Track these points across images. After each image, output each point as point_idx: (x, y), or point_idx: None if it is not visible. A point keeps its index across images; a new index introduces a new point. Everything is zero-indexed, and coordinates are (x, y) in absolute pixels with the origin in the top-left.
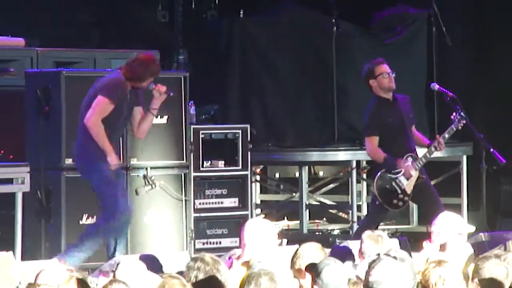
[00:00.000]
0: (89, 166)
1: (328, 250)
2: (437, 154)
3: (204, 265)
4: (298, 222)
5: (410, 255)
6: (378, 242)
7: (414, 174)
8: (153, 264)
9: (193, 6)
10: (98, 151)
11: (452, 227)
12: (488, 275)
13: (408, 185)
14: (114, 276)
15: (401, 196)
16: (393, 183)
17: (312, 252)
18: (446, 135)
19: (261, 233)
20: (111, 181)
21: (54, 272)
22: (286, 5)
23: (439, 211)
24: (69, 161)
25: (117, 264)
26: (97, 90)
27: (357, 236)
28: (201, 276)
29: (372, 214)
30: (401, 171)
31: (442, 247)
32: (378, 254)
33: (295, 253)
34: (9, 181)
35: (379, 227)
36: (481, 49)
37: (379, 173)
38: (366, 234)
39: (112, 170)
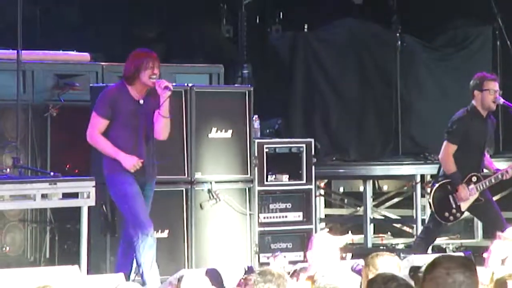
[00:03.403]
0: (106, 180)
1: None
2: (501, 167)
3: (273, 278)
4: (362, 236)
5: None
6: None
7: (474, 194)
8: (217, 278)
9: (257, 21)
10: (109, 163)
11: None
12: None
13: (464, 203)
14: (179, 286)
15: (454, 211)
16: (450, 196)
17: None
18: None
19: (323, 247)
20: (127, 193)
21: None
22: (350, 20)
23: (502, 225)
24: None
25: (181, 278)
26: None
27: (417, 249)
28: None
29: (431, 227)
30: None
31: (503, 262)
32: None
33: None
34: (75, 195)
35: (444, 241)
36: None
37: (438, 184)
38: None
39: (133, 172)
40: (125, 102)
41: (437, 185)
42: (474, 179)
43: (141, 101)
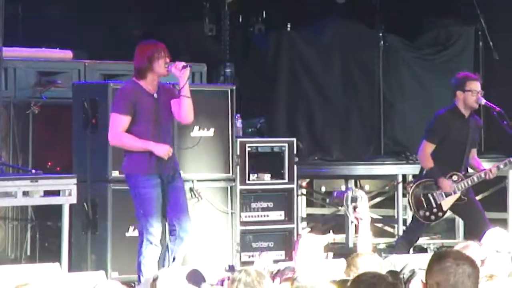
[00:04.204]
0: (127, 179)
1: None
2: (486, 167)
3: (247, 276)
4: (343, 235)
5: None
6: None
7: (455, 193)
8: (198, 277)
9: (240, 20)
10: (131, 163)
11: (494, 244)
12: None
13: (445, 202)
14: (155, 286)
15: (435, 210)
16: (429, 195)
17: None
18: (502, 166)
19: (308, 248)
20: (145, 197)
21: (108, 285)
22: (333, 19)
23: (484, 226)
24: (115, 173)
25: (156, 277)
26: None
27: (399, 249)
28: (241, 287)
29: (412, 227)
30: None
31: (482, 262)
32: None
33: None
34: (56, 193)
35: (426, 241)
36: None
37: (418, 182)
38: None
39: (159, 167)
40: (143, 97)
41: (416, 184)
42: (454, 178)
43: (155, 95)
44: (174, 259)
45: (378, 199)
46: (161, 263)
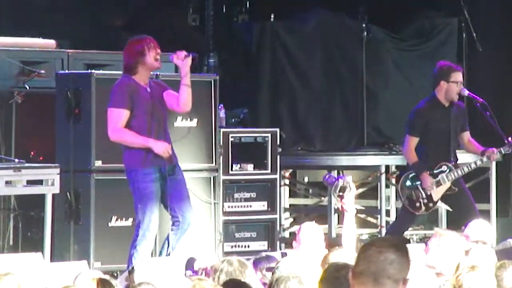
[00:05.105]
0: (127, 174)
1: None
2: (466, 159)
3: (229, 267)
4: (326, 226)
5: None
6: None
7: (445, 183)
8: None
9: (224, 10)
10: (131, 158)
11: (478, 235)
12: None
13: (436, 192)
14: (132, 278)
15: (425, 201)
16: (419, 186)
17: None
18: (503, 151)
19: (309, 237)
20: (145, 193)
21: (90, 275)
22: (316, 10)
23: (474, 217)
24: (98, 163)
25: (132, 269)
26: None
27: None
28: (223, 277)
29: (401, 218)
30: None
31: (466, 253)
32: None
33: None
34: (39, 182)
35: (408, 232)
36: None
37: (406, 174)
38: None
39: (161, 159)
40: (139, 91)
41: (405, 175)
42: (444, 168)
43: (148, 89)
44: (173, 249)
45: (360, 190)
46: (159, 253)
